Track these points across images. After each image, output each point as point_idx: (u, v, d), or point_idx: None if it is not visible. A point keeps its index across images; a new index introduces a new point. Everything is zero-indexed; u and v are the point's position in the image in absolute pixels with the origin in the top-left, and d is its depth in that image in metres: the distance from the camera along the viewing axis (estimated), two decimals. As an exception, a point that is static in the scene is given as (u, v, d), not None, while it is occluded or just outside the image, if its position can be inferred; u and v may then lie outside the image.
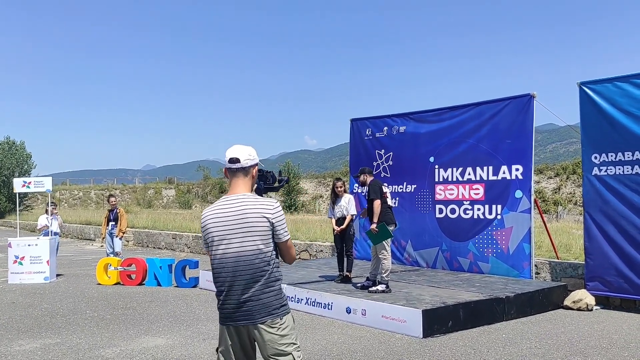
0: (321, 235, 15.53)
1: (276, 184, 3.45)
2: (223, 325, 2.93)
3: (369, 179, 8.37)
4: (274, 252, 2.91)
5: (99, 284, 10.61)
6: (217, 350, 2.99)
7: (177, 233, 19.03)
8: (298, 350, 2.90)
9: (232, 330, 2.88)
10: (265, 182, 3.32)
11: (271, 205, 2.90)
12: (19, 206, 42.61)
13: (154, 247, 19.43)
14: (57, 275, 11.69)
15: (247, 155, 2.97)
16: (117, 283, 10.60)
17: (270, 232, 2.87)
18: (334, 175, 54.10)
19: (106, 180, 74.60)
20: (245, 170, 2.97)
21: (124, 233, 12.13)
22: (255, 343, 2.93)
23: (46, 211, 12.79)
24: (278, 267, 2.94)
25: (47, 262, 11.07)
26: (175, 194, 59.14)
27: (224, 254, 2.85)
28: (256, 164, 3.04)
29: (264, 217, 2.86)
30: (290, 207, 46.61)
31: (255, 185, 3.11)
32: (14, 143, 44.45)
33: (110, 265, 10.73)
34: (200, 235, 17.78)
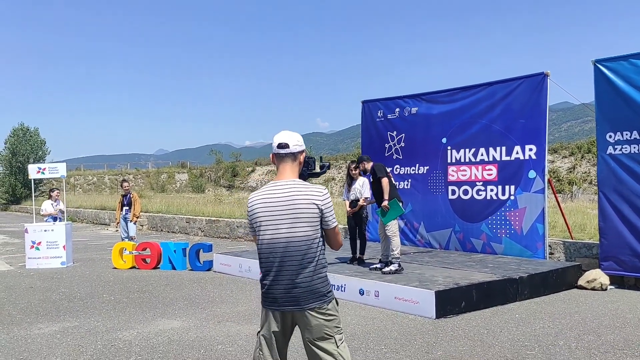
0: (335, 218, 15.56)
1: (318, 170, 3.44)
2: (268, 309, 2.94)
3: (369, 164, 8.36)
4: (321, 239, 2.93)
5: (115, 268, 10.75)
6: (258, 333, 3.01)
7: (191, 217, 19.18)
8: (341, 333, 2.93)
9: (277, 315, 2.90)
10: (307, 168, 3.21)
11: (320, 192, 2.89)
12: (35, 192, 43.25)
13: (168, 231, 19.61)
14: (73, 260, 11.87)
15: (296, 141, 2.96)
16: (133, 267, 10.73)
17: (319, 219, 2.88)
18: (346, 158, 54.04)
19: (119, 165, 75.14)
20: (294, 156, 2.96)
21: (137, 218, 12.26)
22: (296, 327, 2.96)
23: (50, 197, 12.92)
24: (324, 253, 2.95)
25: (64, 247, 11.23)
26: (188, 178, 59.44)
27: (272, 239, 2.85)
28: (304, 150, 3.02)
29: (314, 203, 2.85)
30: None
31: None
32: (28, 129, 44.87)
33: (126, 250, 10.86)
34: (213, 219, 17.92)
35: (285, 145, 2.94)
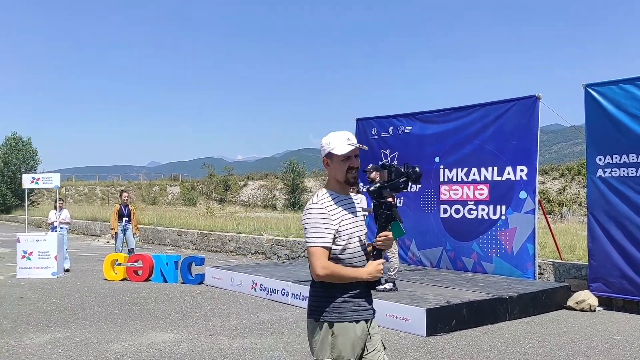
0: (326, 234, 15.60)
1: (400, 181, 2.77)
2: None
3: (376, 174, 8.48)
4: None
5: (106, 279, 10.72)
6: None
7: (183, 230, 19.15)
8: None
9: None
10: (388, 179, 2.78)
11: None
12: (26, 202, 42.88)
13: (160, 244, 19.55)
14: (65, 270, 11.82)
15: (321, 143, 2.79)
16: (124, 279, 10.71)
17: None
18: (338, 174, 54.06)
19: (111, 176, 74.91)
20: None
21: (137, 229, 12.39)
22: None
23: (55, 207, 12.94)
24: None
25: (55, 257, 11.19)
26: (180, 191, 59.31)
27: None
28: (325, 154, 2.75)
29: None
30: (294, 205, 46.73)
31: (373, 185, 2.80)
32: (21, 139, 44.70)
33: (117, 261, 10.84)
34: (205, 232, 17.90)
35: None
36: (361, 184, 11.39)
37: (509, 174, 9.45)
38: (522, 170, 9.30)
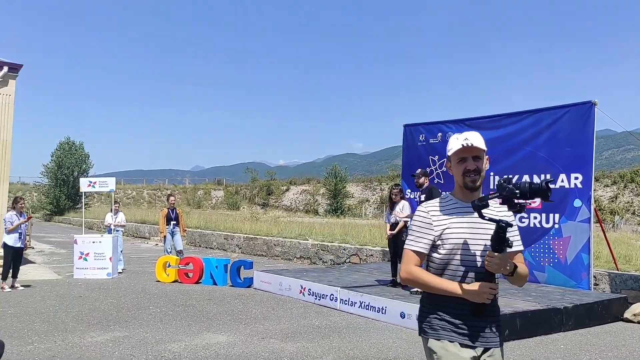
0: (371, 240, 15.61)
1: (516, 201, 2.31)
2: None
3: (425, 179, 8.46)
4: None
5: (158, 281, 11.02)
6: None
7: (229, 234, 19.48)
8: None
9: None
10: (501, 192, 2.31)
11: None
12: (78, 205, 44.51)
13: (206, 247, 19.94)
14: (119, 271, 12.23)
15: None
16: (175, 281, 10.98)
17: None
18: (380, 180, 53.97)
19: (157, 180, 76.85)
20: None
21: (185, 231, 12.77)
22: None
23: (111, 210, 13.39)
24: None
25: (110, 258, 11.59)
26: (224, 195, 60.30)
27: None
28: (447, 157, 2.54)
29: None
30: (336, 210, 46.78)
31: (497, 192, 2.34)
32: (74, 143, 46.41)
33: (169, 264, 11.14)
34: (251, 237, 18.15)
35: None
36: (408, 190, 11.36)
37: (562, 181, 9.25)
38: (576, 178, 9.09)
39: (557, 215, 9.29)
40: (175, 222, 12.47)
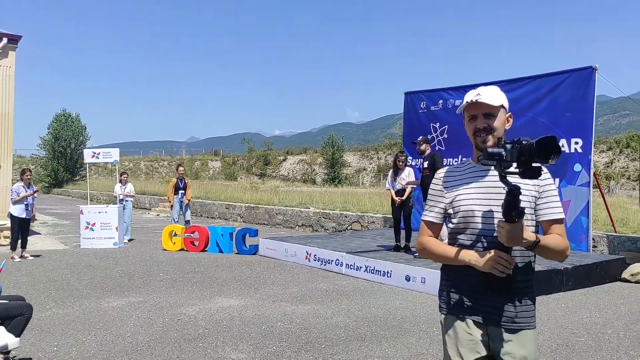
0: (372, 207, 15.81)
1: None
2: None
3: (427, 146, 8.58)
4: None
5: (165, 249, 11.22)
6: None
7: (230, 203, 19.66)
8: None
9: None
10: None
11: None
12: (76, 177, 44.48)
13: (208, 217, 20.14)
14: (127, 241, 12.42)
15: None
16: (181, 249, 11.18)
17: None
18: (377, 148, 54.07)
19: (153, 151, 76.67)
20: None
21: (189, 200, 13.00)
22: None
23: (120, 181, 13.51)
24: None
25: (116, 228, 11.75)
26: (221, 166, 60.38)
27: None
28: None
29: None
30: (334, 179, 47.02)
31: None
32: (70, 115, 46.15)
33: (175, 232, 11.31)
34: (252, 206, 18.33)
35: None
36: (410, 158, 11.49)
37: (563, 146, 9.39)
38: (577, 143, 9.23)
39: (557, 180, 9.45)
40: (183, 192, 12.69)
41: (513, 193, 1.91)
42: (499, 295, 2.06)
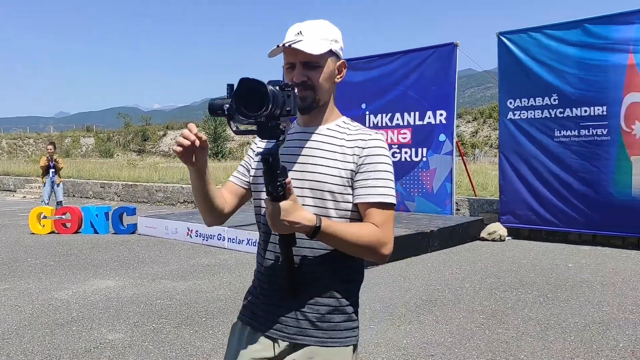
0: (254, 181, 15.87)
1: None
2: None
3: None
4: None
5: (33, 233, 10.50)
6: None
7: (106, 182, 18.74)
8: None
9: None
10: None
11: None
12: None
13: (81, 197, 19.06)
14: (-15, 226, 11.44)
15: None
16: (52, 232, 10.53)
17: None
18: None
19: (16, 128, 70.42)
20: None
21: (61, 180, 12.25)
22: None
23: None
24: None
25: (-25, 213, 10.79)
26: (94, 143, 56.93)
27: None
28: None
29: None
30: (217, 154, 46.33)
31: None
32: None
33: (44, 215, 10.62)
34: (130, 184, 17.63)
35: None
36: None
37: (429, 118, 10.06)
38: (441, 115, 9.94)
39: (424, 149, 10.15)
40: (54, 171, 11.95)
41: (263, 159, 1.37)
42: (291, 301, 1.59)
